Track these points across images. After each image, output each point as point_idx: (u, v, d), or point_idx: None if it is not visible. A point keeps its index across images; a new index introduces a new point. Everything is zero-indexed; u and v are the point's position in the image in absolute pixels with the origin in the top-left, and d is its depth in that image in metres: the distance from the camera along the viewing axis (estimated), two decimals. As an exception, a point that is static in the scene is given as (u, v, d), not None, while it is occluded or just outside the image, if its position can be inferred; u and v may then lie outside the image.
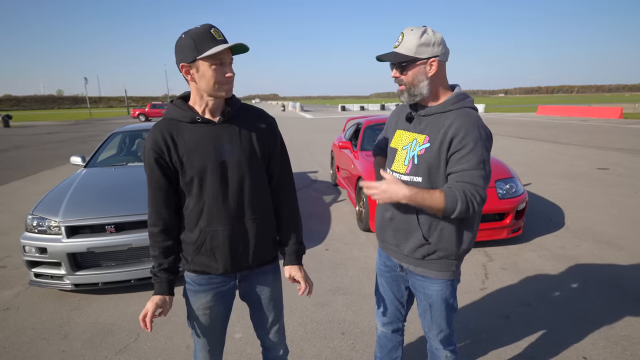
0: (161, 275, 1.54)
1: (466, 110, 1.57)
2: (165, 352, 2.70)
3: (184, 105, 1.50)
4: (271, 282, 1.71)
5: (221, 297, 1.63)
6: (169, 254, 1.55)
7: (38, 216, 3.45)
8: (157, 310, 1.52)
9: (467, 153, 1.48)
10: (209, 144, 1.47)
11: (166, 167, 1.47)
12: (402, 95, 1.62)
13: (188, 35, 1.38)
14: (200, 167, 1.46)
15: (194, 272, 1.58)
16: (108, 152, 5.31)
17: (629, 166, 8.90)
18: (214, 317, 1.64)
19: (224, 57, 1.40)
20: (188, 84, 1.47)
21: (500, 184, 4.46)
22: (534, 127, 20.24)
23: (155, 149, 1.45)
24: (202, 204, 1.49)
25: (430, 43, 1.52)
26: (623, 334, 2.75)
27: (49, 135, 22.33)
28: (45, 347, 2.79)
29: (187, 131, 1.47)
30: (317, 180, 8.25)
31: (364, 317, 3.06)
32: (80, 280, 3.36)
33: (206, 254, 1.53)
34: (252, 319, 1.79)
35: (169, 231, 1.54)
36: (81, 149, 14.65)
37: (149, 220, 1.54)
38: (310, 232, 5.03)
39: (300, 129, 21.91)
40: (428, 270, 1.68)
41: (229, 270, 1.57)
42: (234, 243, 1.53)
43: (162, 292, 1.54)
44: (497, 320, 2.97)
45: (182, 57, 1.40)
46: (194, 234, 1.52)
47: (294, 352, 2.67)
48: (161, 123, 1.50)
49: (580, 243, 4.46)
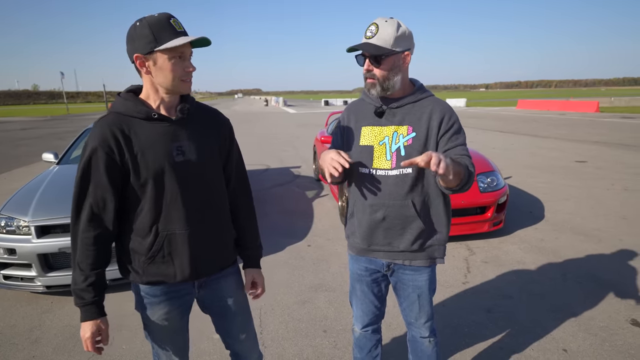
0: (87, 297, 1.34)
1: (434, 97, 1.65)
2: (141, 354, 2.61)
3: (136, 100, 1.37)
4: (234, 285, 1.62)
5: (179, 305, 1.50)
6: (100, 265, 1.37)
7: (6, 216, 3.30)
8: (96, 336, 1.37)
9: (455, 132, 1.57)
10: (166, 142, 1.36)
11: (114, 167, 1.31)
12: (373, 88, 1.57)
13: (145, 24, 1.26)
14: (156, 167, 1.33)
15: (148, 284, 1.43)
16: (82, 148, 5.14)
17: (606, 159, 9.09)
18: (174, 326, 1.52)
19: (184, 51, 1.32)
20: (140, 76, 1.36)
21: (482, 177, 4.47)
22: (514, 121, 20.57)
23: (104, 147, 1.29)
24: (159, 206, 1.36)
25: (405, 36, 1.53)
26: (602, 325, 2.78)
27: (23, 131, 21.64)
28: (14, 353, 2.67)
29: (141, 128, 1.34)
30: (300, 175, 8.19)
31: (346, 314, 3.02)
32: (52, 282, 3.23)
33: (162, 261, 1.40)
34: (218, 329, 1.67)
35: (106, 238, 1.37)
36: (57, 145, 14.22)
37: (79, 226, 1.33)
38: (293, 228, 4.98)
39: (284, 124, 21.78)
40: (422, 260, 1.70)
41: (187, 277, 1.43)
42: (194, 247, 1.42)
43: (91, 317, 1.35)
44: (479, 314, 2.98)
45: (137, 47, 1.28)
46: (147, 240, 1.37)
47: (274, 351, 2.62)
48: (109, 118, 1.34)
49: (560, 235, 4.52)
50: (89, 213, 1.33)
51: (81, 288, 1.34)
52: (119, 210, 1.38)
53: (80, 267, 1.34)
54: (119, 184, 1.34)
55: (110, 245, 1.41)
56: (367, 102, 1.69)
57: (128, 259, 1.43)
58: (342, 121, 1.77)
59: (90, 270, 1.34)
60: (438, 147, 1.57)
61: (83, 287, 1.34)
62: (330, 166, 1.44)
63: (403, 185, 1.59)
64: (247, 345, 1.71)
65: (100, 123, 1.34)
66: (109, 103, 27.55)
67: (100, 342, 1.40)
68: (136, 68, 1.34)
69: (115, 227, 1.38)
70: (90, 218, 1.33)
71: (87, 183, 1.32)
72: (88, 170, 1.31)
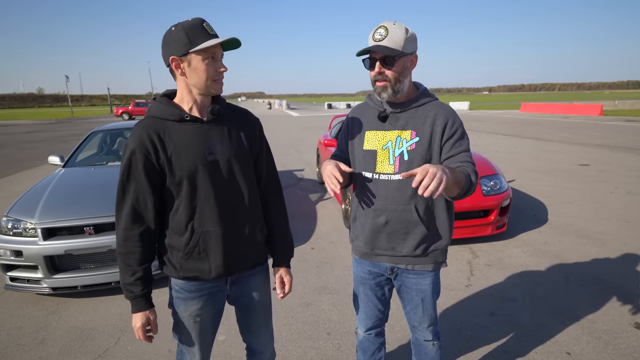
0: (136, 290, 1.43)
1: (438, 101, 1.64)
2: (146, 356, 2.63)
3: (170, 103, 1.45)
4: (262, 284, 1.67)
5: (212, 302, 1.56)
6: (145, 261, 1.44)
7: (13, 218, 3.34)
8: (146, 326, 1.46)
9: (458, 138, 1.57)
10: (199, 143, 1.42)
11: (152, 168, 1.38)
12: (385, 91, 1.57)
13: (180, 28, 1.33)
14: (190, 167, 1.40)
15: (184, 279, 1.50)
16: (88, 151, 5.18)
17: (609, 162, 9.07)
18: (205, 323, 1.57)
19: (216, 52, 1.38)
20: (174, 79, 1.43)
21: (485, 180, 4.48)
22: (517, 124, 20.52)
23: (142, 150, 1.36)
24: (193, 204, 1.43)
25: (412, 38, 1.55)
26: (605, 329, 2.78)
27: (29, 134, 21.79)
28: (20, 354, 2.70)
29: (175, 130, 1.40)
30: (304, 178, 8.21)
31: (350, 317, 3.03)
32: (58, 284, 3.26)
33: (197, 258, 1.46)
34: (239, 322, 1.72)
35: (149, 235, 1.44)
36: (62, 148, 14.32)
37: (123, 224, 1.41)
38: (296, 231, 4.99)
39: (287, 127, 21.82)
40: (426, 264, 1.70)
41: (221, 273, 1.49)
42: (228, 244, 1.47)
43: (141, 309, 1.45)
44: (482, 317, 2.98)
45: (173, 50, 1.35)
46: (184, 237, 1.44)
47: (279, 353, 2.63)
48: (145, 122, 1.42)
49: (563, 239, 4.51)
50: (131, 212, 1.40)
51: (130, 282, 1.42)
52: (158, 209, 1.45)
53: (127, 263, 1.42)
54: (157, 184, 1.42)
55: (154, 241, 1.49)
56: (370, 106, 1.71)
57: (167, 255, 1.50)
58: (346, 125, 1.78)
59: (138, 265, 1.42)
60: (442, 152, 1.58)
61: (131, 282, 1.42)
62: (329, 182, 1.47)
63: (406, 189, 1.59)
64: (263, 342, 1.75)
65: (137, 127, 1.41)
66: (114, 107, 27.57)
67: (150, 331, 1.49)
68: (171, 71, 1.40)
69: (157, 224, 1.46)
70: (133, 216, 1.41)
71: (129, 183, 1.39)
72: (129, 171, 1.39)
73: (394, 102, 1.63)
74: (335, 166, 1.49)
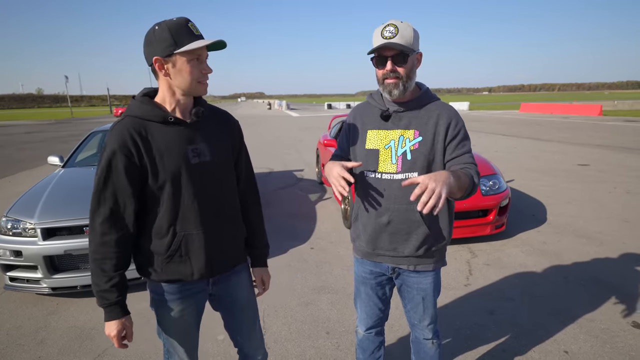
0: (110, 297, 1.35)
1: (440, 101, 1.66)
2: (145, 355, 2.64)
3: (152, 103, 1.39)
4: (244, 281, 1.67)
5: (194, 302, 1.54)
6: (122, 266, 1.38)
7: (12, 218, 3.34)
8: (122, 334, 1.40)
9: (461, 139, 1.59)
10: (182, 145, 1.39)
11: (133, 170, 1.33)
12: (396, 88, 1.55)
13: (164, 27, 1.29)
14: (173, 170, 1.36)
15: (166, 282, 1.47)
16: (87, 151, 5.18)
17: (608, 162, 9.08)
18: (188, 323, 1.56)
19: (202, 53, 1.36)
20: (156, 78, 1.39)
21: (484, 180, 4.49)
22: (517, 124, 20.54)
23: (124, 150, 1.30)
24: (176, 208, 1.39)
25: (418, 37, 1.56)
26: (603, 327, 2.79)
27: (28, 135, 21.79)
28: (20, 354, 2.70)
29: (158, 131, 1.36)
30: (303, 178, 8.21)
31: (349, 316, 3.04)
32: (58, 284, 3.26)
33: (179, 261, 1.43)
34: (227, 327, 1.71)
35: (127, 240, 1.38)
36: (61, 148, 14.32)
37: (100, 229, 1.33)
38: (296, 231, 5.00)
39: (287, 127, 21.84)
40: (427, 264, 1.71)
41: (204, 275, 1.48)
42: (210, 247, 1.46)
43: (116, 317, 1.38)
44: (481, 316, 2.99)
45: (157, 50, 1.31)
46: (165, 240, 1.40)
47: (277, 352, 2.64)
48: (126, 121, 1.35)
49: (562, 238, 4.52)
50: (110, 216, 1.33)
51: (104, 289, 1.35)
52: (137, 212, 1.40)
53: (103, 269, 1.34)
54: (137, 186, 1.36)
55: (130, 246, 1.43)
56: (372, 105, 1.70)
57: (147, 258, 1.45)
58: (348, 124, 1.78)
59: (114, 271, 1.35)
60: (445, 153, 1.59)
61: (106, 288, 1.35)
62: (337, 185, 1.46)
63: (408, 189, 1.56)
64: (255, 343, 1.74)
65: (118, 126, 1.35)
66: (114, 107, 27.51)
67: (125, 338, 1.43)
68: (153, 71, 1.36)
69: (135, 228, 1.40)
70: (110, 221, 1.34)
71: (107, 186, 1.33)
72: (107, 173, 1.32)
73: (397, 102, 1.63)
74: (343, 167, 1.48)
